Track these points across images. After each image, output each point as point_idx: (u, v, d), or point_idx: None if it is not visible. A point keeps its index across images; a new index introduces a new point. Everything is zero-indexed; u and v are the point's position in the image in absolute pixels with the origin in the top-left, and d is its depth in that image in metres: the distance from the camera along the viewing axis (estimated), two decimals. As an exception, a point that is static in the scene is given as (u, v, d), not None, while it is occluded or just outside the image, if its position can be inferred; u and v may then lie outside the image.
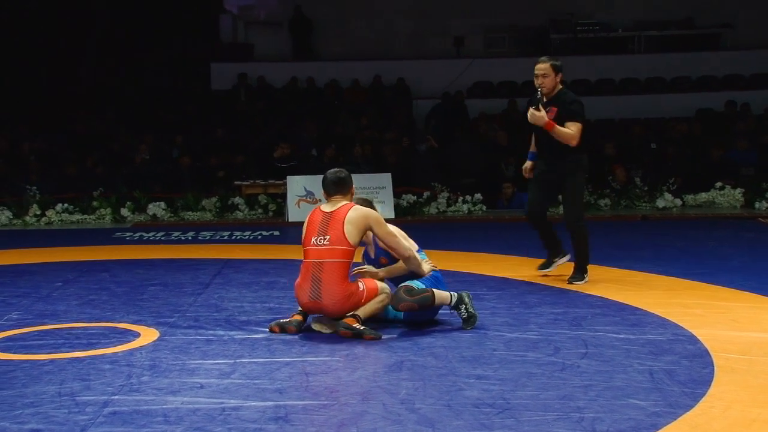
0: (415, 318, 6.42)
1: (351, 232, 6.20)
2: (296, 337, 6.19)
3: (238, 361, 5.57)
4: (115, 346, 6.02)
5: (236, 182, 15.29)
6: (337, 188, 6.46)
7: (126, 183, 15.38)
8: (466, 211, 15.02)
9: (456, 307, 6.37)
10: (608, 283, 8.15)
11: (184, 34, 20.13)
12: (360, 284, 6.28)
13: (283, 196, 14.73)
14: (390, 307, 6.43)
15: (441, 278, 6.66)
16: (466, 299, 6.39)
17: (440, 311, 6.67)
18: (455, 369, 5.33)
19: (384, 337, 6.15)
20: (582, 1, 21.17)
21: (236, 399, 4.78)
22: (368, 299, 6.23)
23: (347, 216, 6.23)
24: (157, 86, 19.93)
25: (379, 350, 5.82)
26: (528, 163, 8.50)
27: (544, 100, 7.99)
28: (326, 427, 4.33)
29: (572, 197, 8.16)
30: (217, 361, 5.56)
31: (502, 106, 18.51)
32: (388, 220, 6.64)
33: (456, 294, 6.39)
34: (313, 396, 4.83)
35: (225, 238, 12.50)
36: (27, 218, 14.38)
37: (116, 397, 4.84)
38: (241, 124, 18.07)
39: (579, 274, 8.16)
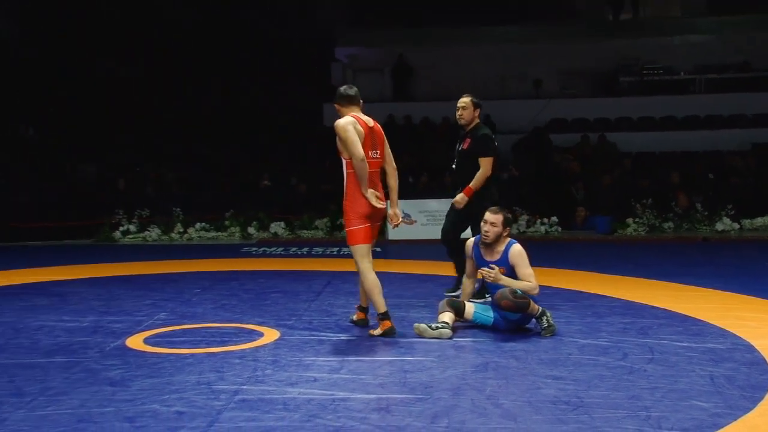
0: (502, 324, 6.40)
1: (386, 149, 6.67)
2: (396, 339, 6.22)
3: (345, 359, 5.62)
4: (243, 343, 6.14)
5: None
6: (356, 99, 6.64)
7: (252, 205, 15.65)
8: (544, 232, 14.87)
9: (539, 317, 6.34)
10: (672, 297, 7.96)
11: (301, 78, 20.40)
12: None
13: (384, 217, 14.78)
14: (476, 312, 6.43)
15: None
16: (548, 312, 6.39)
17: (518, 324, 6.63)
18: (534, 370, 5.29)
19: (472, 340, 6.15)
20: (648, 48, 20.83)
21: (344, 391, 4.83)
22: None
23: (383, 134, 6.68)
24: (277, 123, 20.24)
25: (467, 352, 5.82)
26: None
27: (463, 132, 7.86)
28: (421, 417, 4.34)
29: (451, 217, 7.94)
30: (328, 359, 5.62)
31: (575, 140, 18.28)
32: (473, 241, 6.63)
33: (541, 307, 6.38)
34: (410, 390, 4.85)
35: (334, 253, 12.60)
36: (172, 235, 14.75)
37: (245, 386, 4.94)
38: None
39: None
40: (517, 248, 6.46)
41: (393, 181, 6.79)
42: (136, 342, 6.22)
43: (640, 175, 16.57)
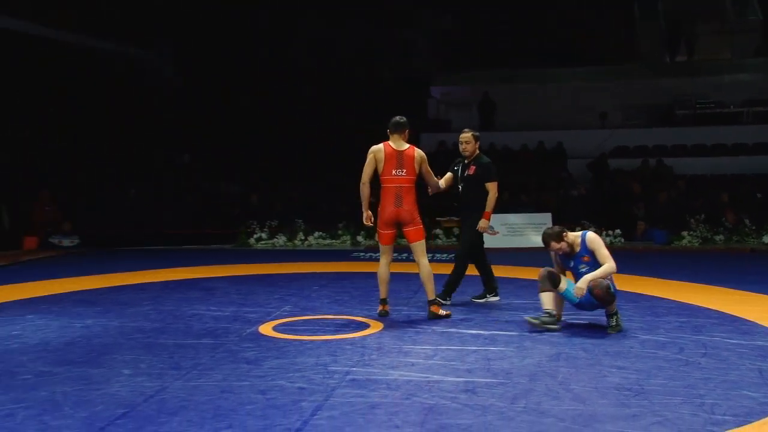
0: (586, 306, 6.23)
1: (415, 167, 6.75)
2: (481, 331, 6.18)
3: (438, 347, 5.62)
4: (353, 332, 6.20)
5: (437, 218, 15.38)
6: (398, 128, 6.77)
7: (361, 218, 15.72)
8: (609, 242, 14.50)
9: (611, 315, 6.19)
10: (723, 300, 7.66)
11: (401, 112, 20.48)
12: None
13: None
14: (567, 289, 6.23)
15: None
16: (619, 314, 6.25)
17: (591, 317, 6.50)
18: (601, 360, 5.18)
19: (547, 334, 6.05)
20: (701, 85, 20.21)
21: (438, 375, 4.83)
22: None
23: (414, 155, 6.74)
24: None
25: (542, 344, 5.73)
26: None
27: (466, 162, 7.60)
28: (503, 399, 4.31)
29: (469, 237, 7.62)
30: (423, 347, 5.63)
31: (635, 165, 17.83)
32: (546, 250, 6.52)
33: (617, 308, 6.25)
34: (493, 375, 4.81)
35: (428, 258, 12.54)
36: (295, 242, 14.99)
37: (354, 368, 4.99)
38: (440, 176, 18.11)
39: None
40: (591, 236, 6.27)
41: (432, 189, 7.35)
42: (266, 329, 6.36)
43: (693, 195, 16.04)
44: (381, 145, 6.77)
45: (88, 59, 17.19)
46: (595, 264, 6.16)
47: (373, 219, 6.83)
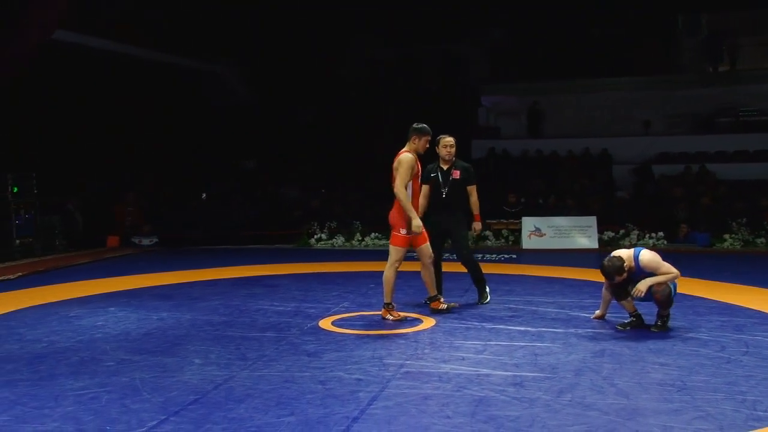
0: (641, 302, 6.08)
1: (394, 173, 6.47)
2: (529, 328, 6.11)
3: (488, 343, 5.58)
4: (407, 328, 6.20)
5: (487, 220, 15.28)
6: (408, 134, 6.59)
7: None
8: (652, 244, 14.15)
9: (661, 316, 6.02)
10: (764, 300, 7.39)
11: (454, 120, 20.38)
12: None
13: (519, 230, 14.56)
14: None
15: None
16: (669, 316, 6.06)
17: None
18: (644, 357, 5.07)
19: (592, 331, 5.95)
20: (743, 93, 19.56)
21: (487, 368, 4.79)
22: None
23: (395, 161, 6.55)
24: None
25: (587, 340, 5.64)
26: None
27: (445, 167, 7.19)
28: (549, 392, 4.25)
29: (464, 240, 7.34)
30: (473, 342, 5.60)
31: (678, 170, 17.39)
32: (591, 251, 6.40)
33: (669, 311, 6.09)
34: (540, 370, 4.75)
35: (479, 258, 12.39)
36: (353, 242, 15.04)
37: (408, 362, 4.99)
38: (489, 182, 18.02)
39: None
40: (645, 257, 5.95)
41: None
42: (326, 323, 6.41)
43: (735, 200, 15.56)
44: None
45: (162, 74, 17.61)
46: None
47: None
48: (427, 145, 6.73)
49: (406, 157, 6.47)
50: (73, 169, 15.55)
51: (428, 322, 6.39)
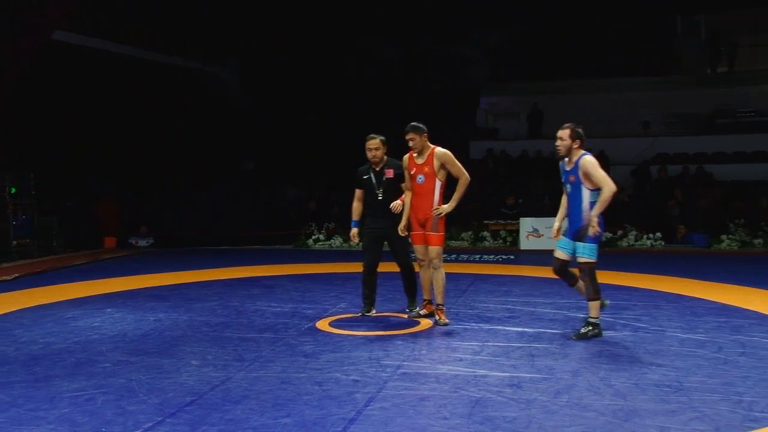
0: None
1: None
2: (526, 329, 6.11)
3: (485, 344, 5.58)
4: (404, 329, 6.19)
5: (485, 221, 15.29)
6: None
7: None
8: (650, 245, 14.19)
9: (589, 323, 5.84)
10: (761, 301, 7.40)
11: (452, 121, 20.33)
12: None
13: (517, 231, 14.57)
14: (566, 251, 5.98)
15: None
16: (598, 327, 5.82)
17: (633, 316, 6.35)
18: (641, 358, 5.07)
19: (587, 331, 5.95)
20: (741, 94, 19.61)
21: (484, 369, 4.79)
22: None
23: None
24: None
25: (584, 341, 5.63)
26: (354, 230, 6.93)
27: (377, 168, 6.77)
28: (546, 393, 4.25)
29: (404, 245, 6.83)
30: (470, 343, 5.59)
31: (677, 171, 17.42)
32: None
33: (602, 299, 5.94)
34: (537, 371, 4.75)
35: (476, 259, 12.52)
36: (351, 243, 14.99)
37: (405, 363, 4.99)
38: (488, 183, 18.03)
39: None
40: (586, 158, 5.80)
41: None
42: (323, 324, 6.41)
43: (733, 200, 15.57)
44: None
45: (159, 74, 17.60)
46: (579, 187, 5.78)
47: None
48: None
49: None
50: (72, 169, 15.55)
51: (425, 323, 6.39)
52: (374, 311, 6.85)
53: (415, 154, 6.50)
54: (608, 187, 5.67)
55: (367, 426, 3.74)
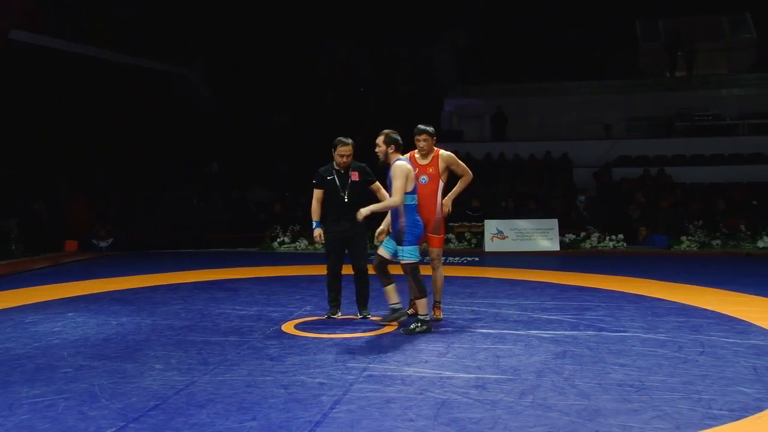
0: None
1: None
2: (491, 330, 6.15)
3: (450, 345, 5.60)
4: (370, 332, 6.19)
5: (450, 223, 15.36)
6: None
7: (377, 224, 15.70)
8: (612, 246, 14.41)
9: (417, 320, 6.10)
10: (720, 301, 7.58)
11: (417, 122, 20.42)
12: None
13: (481, 233, 14.67)
14: (389, 250, 6.27)
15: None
16: (426, 323, 6.06)
17: (595, 317, 6.42)
18: (604, 358, 5.14)
19: (552, 333, 6.01)
20: (699, 98, 20.08)
21: (449, 371, 4.81)
22: None
23: None
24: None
25: (549, 342, 5.69)
26: (318, 230, 6.81)
27: (342, 171, 6.74)
28: (511, 394, 4.29)
29: (364, 250, 6.80)
30: (436, 345, 5.61)
31: (638, 173, 17.74)
32: (552, 253, 6.45)
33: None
34: (502, 372, 4.79)
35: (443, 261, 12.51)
36: (316, 246, 14.81)
37: (371, 365, 4.98)
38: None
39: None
40: (395, 164, 5.97)
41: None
42: (289, 327, 6.37)
43: (691, 202, 15.91)
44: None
45: (124, 75, 17.36)
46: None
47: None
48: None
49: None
50: (38, 170, 15.25)
51: (391, 326, 6.39)
52: (340, 314, 6.82)
53: (418, 156, 6.50)
54: (393, 200, 6.02)
55: (333, 429, 3.73)
